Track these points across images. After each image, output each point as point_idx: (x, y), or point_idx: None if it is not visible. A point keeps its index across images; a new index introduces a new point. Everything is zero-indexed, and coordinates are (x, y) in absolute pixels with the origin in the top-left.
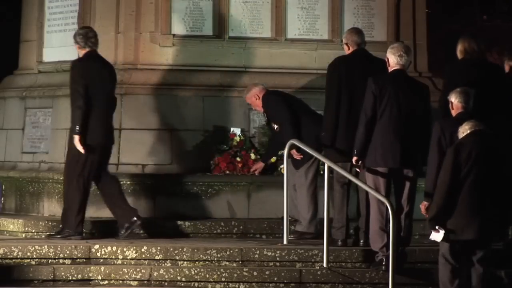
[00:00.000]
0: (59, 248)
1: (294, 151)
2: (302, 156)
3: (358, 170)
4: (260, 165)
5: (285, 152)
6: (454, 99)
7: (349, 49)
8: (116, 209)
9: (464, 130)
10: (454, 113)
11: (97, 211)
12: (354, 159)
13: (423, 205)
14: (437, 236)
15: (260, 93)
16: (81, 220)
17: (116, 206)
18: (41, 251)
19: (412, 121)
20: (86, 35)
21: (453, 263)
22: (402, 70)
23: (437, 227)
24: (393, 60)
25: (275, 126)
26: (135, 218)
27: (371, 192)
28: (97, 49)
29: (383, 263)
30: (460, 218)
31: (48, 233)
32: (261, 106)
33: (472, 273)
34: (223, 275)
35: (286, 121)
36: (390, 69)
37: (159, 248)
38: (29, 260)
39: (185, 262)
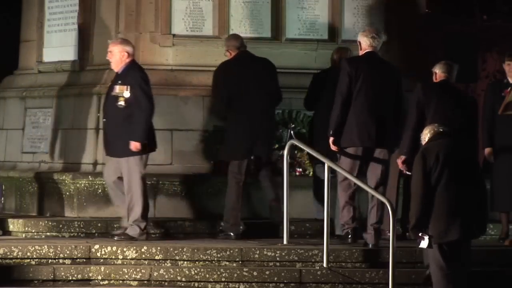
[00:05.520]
0: (59, 248)
1: None
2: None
3: (336, 150)
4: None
5: (285, 152)
6: (438, 70)
7: (230, 54)
8: None
9: (424, 135)
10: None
11: (97, 211)
12: (331, 139)
13: (399, 159)
14: (423, 243)
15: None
16: None
17: None
18: (41, 251)
19: (386, 102)
20: None
21: (445, 268)
22: (374, 52)
23: (420, 234)
24: (366, 42)
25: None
26: None
27: (371, 192)
28: None
29: (349, 236)
30: (441, 221)
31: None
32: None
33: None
34: (223, 275)
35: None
36: (362, 52)
37: (159, 248)
38: (29, 260)
39: (185, 262)
